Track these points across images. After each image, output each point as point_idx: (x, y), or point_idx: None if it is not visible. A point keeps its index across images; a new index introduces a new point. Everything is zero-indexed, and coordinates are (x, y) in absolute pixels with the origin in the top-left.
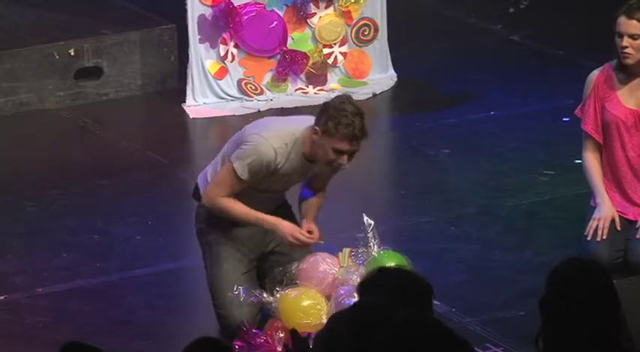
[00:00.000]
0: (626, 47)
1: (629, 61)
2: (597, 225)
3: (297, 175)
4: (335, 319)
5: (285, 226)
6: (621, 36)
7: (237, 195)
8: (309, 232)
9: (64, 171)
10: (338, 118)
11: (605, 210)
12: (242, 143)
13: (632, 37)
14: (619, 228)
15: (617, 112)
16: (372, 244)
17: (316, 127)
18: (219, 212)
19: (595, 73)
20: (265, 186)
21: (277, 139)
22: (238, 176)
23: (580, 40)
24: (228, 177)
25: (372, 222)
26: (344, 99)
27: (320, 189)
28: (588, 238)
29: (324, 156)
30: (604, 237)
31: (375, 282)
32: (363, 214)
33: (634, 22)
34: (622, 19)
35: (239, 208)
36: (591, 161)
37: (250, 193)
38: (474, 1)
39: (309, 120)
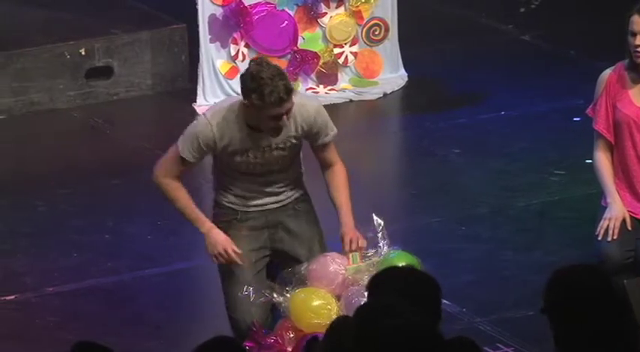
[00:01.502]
0: (638, 46)
1: None
2: (608, 225)
3: (257, 149)
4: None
5: (213, 237)
6: (634, 35)
7: (234, 182)
8: (350, 242)
9: (74, 170)
10: (260, 89)
11: (616, 210)
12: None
13: None
14: (630, 228)
15: (628, 112)
16: (381, 244)
17: (245, 101)
18: (164, 194)
19: (607, 73)
20: (245, 168)
21: (216, 116)
22: (180, 155)
23: (591, 39)
24: (171, 156)
25: (382, 222)
26: (258, 65)
27: (330, 164)
28: (599, 238)
29: (266, 126)
30: (615, 237)
31: (384, 282)
32: (373, 214)
33: None
34: (635, 18)
35: (181, 199)
36: (602, 160)
37: (243, 178)
38: (484, 1)
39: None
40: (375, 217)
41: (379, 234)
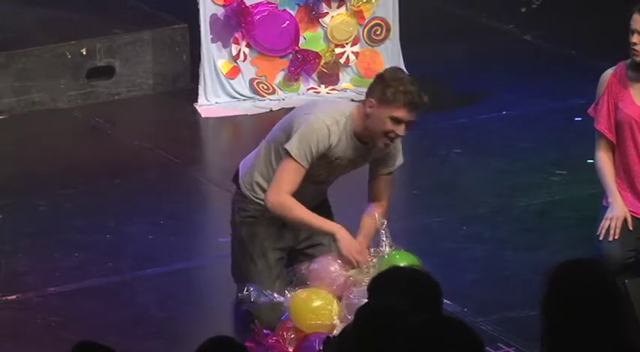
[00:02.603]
0: (636, 44)
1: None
2: (609, 225)
3: (346, 160)
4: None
5: (346, 242)
6: (634, 33)
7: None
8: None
9: (75, 170)
10: (395, 86)
11: (617, 210)
12: (293, 126)
13: None
14: (631, 228)
15: (630, 111)
16: (384, 244)
17: (371, 99)
18: (282, 214)
19: (608, 73)
20: (312, 173)
21: (329, 117)
22: (299, 164)
23: (592, 39)
24: (287, 171)
25: (385, 222)
26: (397, 70)
27: (379, 198)
28: (600, 238)
29: (381, 127)
30: (616, 237)
31: (386, 282)
32: (375, 214)
33: None
34: (636, 17)
35: (300, 210)
36: (604, 160)
37: (316, 174)
38: (485, 1)
39: (355, 103)
40: (377, 217)
41: (382, 234)
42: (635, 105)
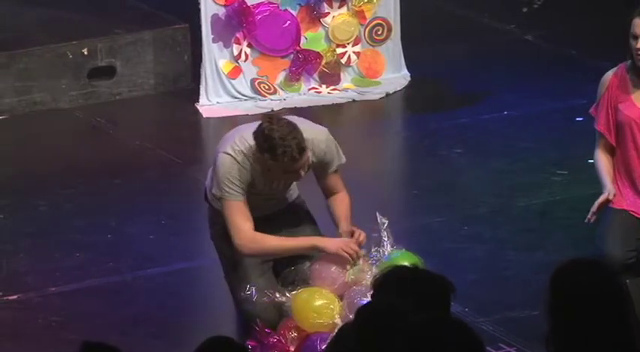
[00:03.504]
0: (639, 49)
1: None
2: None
3: (275, 182)
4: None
5: (330, 244)
6: (636, 38)
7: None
8: (352, 235)
9: (76, 170)
10: (273, 149)
11: (607, 190)
12: (212, 165)
13: None
14: (610, 198)
15: (630, 113)
16: (385, 243)
17: (258, 155)
18: (257, 251)
19: (609, 74)
20: (255, 192)
21: (238, 154)
22: (235, 201)
23: (593, 40)
24: (232, 212)
25: (386, 221)
26: (269, 123)
27: (334, 192)
28: (586, 220)
29: (281, 178)
30: (593, 210)
31: (389, 281)
32: (377, 213)
33: None
34: (636, 21)
35: (272, 240)
36: (602, 158)
37: (251, 198)
38: (487, 1)
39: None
40: (378, 216)
41: (383, 233)
42: (636, 107)
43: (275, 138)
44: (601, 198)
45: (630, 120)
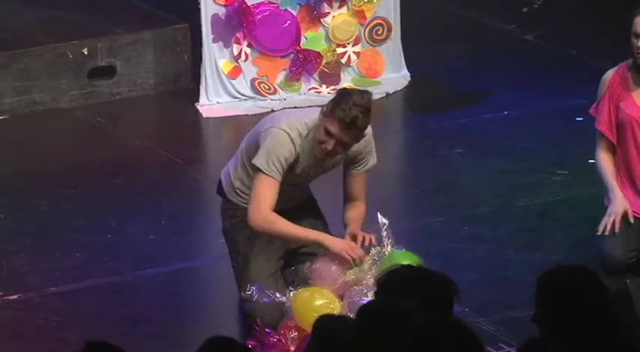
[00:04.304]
0: None
1: None
2: (611, 221)
3: (315, 167)
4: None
5: (335, 244)
6: (637, 36)
7: None
8: (354, 239)
9: (76, 170)
10: (339, 102)
11: (618, 205)
12: (259, 139)
13: None
14: (632, 220)
15: (631, 112)
16: (386, 243)
17: (323, 107)
18: (266, 230)
19: (610, 73)
20: (289, 180)
21: (292, 129)
22: (271, 178)
23: (593, 39)
24: (262, 187)
25: (387, 222)
26: (357, 91)
27: (354, 198)
28: (599, 233)
29: (317, 135)
30: (616, 231)
31: (393, 280)
32: (378, 213)
33: None
34: (638, 20)
35: (284, 224)
36: (604, 159)
37: (282, 187)
38: (487, 1)
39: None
40: (379, 216)
41: (384, 234)
42: (637, 106)
43: (351, 99)
44: (619, 216)
45: (631, 119)
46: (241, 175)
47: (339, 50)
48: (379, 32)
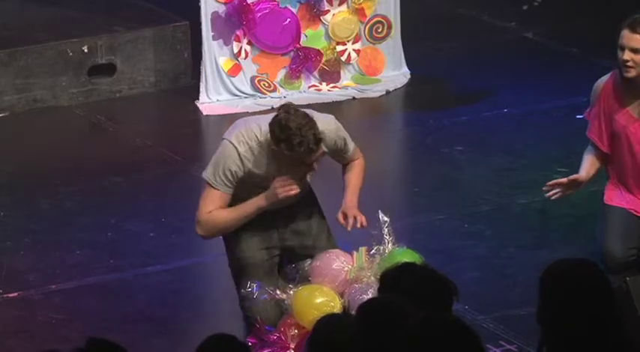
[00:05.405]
0: (628, 61)
1: (630, 75)
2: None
3: (281, 171)
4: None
5: (271, 196)
6: (623, 49)
7: (246, 196)
8: (344, 216)
9: (77, 168)
10: (289, 140)
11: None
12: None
13: (634, 50)
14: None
15: (624, 122)
16: (386, 241)
17: (274, 147)
18: (213, 229)
19: (602, 82)
20: (257, 182)
21: (242, 144)
22: (217, 190)
23: (594, 37)
24: (207, 199)
25: (387, 219)
26: (287, 113)
27: (352, 161)
28: (546, 195)
29: (295, 172)
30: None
31: (396, 277)
32: (379, 211)
33: (637, 36)
34: (625, 32)
35: (222, 212)
36: (589, 154)
37: (260, 191)
38: None
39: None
40: (380, 214)
41: (384, 231)
42: (629, 115)
43: (292, 129)
44: (571, 177)
45: (625, 129)
46: None
47: (339, 48)
48: (379, 30)
